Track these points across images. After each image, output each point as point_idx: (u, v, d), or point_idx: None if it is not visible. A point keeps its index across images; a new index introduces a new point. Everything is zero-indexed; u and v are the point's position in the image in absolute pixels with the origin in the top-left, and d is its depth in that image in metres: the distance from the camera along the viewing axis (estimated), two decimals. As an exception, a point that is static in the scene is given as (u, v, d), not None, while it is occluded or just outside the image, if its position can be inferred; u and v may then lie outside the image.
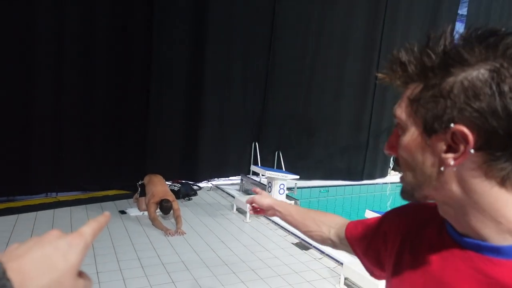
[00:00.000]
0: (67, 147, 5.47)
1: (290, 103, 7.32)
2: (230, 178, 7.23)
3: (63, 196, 5.43)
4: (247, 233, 4.70)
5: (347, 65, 7.74)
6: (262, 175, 5.94)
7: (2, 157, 4.92)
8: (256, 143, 7.19)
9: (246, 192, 6.51)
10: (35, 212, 4.77)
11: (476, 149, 0.52)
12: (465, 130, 0.52)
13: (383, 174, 8.93)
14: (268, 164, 7.21)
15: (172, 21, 5.95)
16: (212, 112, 6.61)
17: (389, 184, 8.71)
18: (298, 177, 5.52)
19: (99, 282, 3.18)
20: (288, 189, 5.66)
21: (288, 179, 5.48)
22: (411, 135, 0.58)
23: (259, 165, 6.85)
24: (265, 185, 5.61)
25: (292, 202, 5.32)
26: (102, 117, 5.68)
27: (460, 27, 9.91)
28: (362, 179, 8.23)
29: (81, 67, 5.44)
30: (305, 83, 7.43)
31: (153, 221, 4.68)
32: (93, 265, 3.49)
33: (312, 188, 7.22)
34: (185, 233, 4.47)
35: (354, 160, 8.17)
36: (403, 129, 0.59)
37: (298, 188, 6.19)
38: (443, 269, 0.61)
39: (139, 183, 5.27)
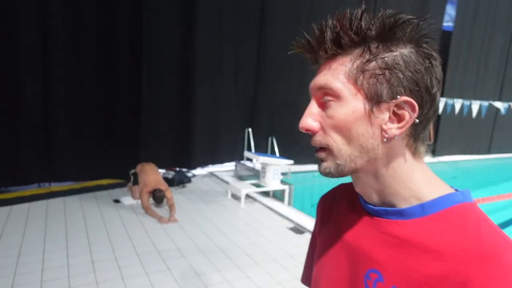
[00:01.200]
0: (58, 137, 5.41)
1: (283, 88, 7.29)
2: (224, 164, 7.23)
3: (56, 187, 5.39)
4: (242, 218, 4.72)
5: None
6: (256, 161, 5.94)
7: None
8: (249, 129, 7.18)
9: (240, 178, 6.52)
10: (28, 204, 4.74)
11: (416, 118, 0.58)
12: (412, 100, 0.57)
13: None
14: (261, 149, 7.22)
15: (162, 6, 5.84)
16: (204, 98, 6.56)
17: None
18: (292, 162, 5.53)
19: (94, 271, 3.19)
20: (282, 174, 5.67)
21: (282, 165, 5.49)
22: (351, 107, 0.59)
23: (253, 151, 6.85)
24: (259, 171, 5.62)
25: (286, 187, 5.34)
26: (93, 106, 5.61)
27: (450, 9, 9.86)
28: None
29: (70, 55, 5.34)
30: (297, 68, 7.38)
31: (146, 210, 4.67)
32: (88, 254, 3.49)
33: (306, 173, 7.25)
34: (178, 221, 4.47)
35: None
36: (340, 101, 0.60)
37: (292, 173, 6.21)
38: (359, 238, 0.66)
39: (132, 172, 5.25)
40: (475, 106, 7.96)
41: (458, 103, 8.18)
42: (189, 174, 6.42)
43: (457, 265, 0.54)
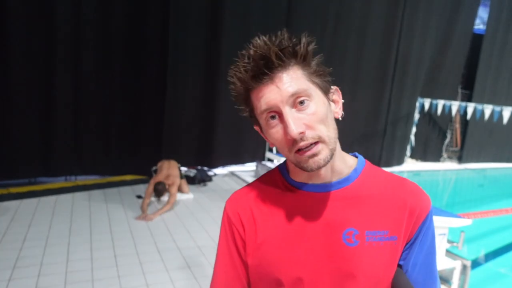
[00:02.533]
0: (86, 133, 5.56)
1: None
2: (245, 164, 7.25)
3: (82, 181, 5.55)
4: (261, 219, 4.71)
5: (364, 52, 7.59)
6: (277, 161, 5.93)
7: (25, 141, 5.04)
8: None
9: (261, 178, 6.51)
10: (56, 196, 4.90)
11: None
12: (337, 87, 0.83)
13: (400, 161, 8.82)
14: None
15: (189, 5, 5.91)
16: (228, 98, 6.52)
17: (406, 173, 8.60)
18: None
19: (116, 265, 3.26)
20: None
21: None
22: (321, 101, 0.76)
23: (274, 151, 6.84)
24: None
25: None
26: (120, 103, 5.73)
27: (482, 12, 9.55)
28: (379, 167, 8.15)
29: (99, 52, 5.47)
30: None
31: (143, 202, 4.65)
32: (111, 248, 3.57)
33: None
34: (152, 220, 4.36)
35: (371, 148, 8.08)
36: (312, 100, 0.74)
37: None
38: (322, 214, 0.80)
39: (153, 169, 5.33)
40: (507, 112, 7.68)
41: (488, 109, 7.92)
42: (210, 173, 6.47)
43: (394, 195, 0.82)
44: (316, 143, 0.74)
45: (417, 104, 8.78)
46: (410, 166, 9.02)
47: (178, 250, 3.65)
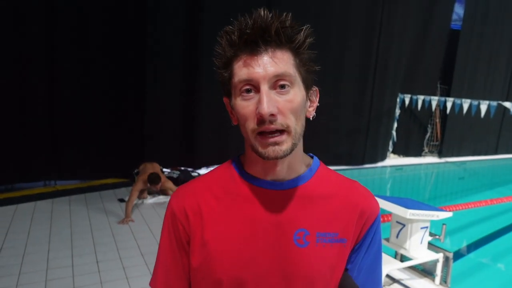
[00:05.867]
0: (64, 135, 5.42)
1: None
2: (229, 164, 7.20)
3: (61, 186, 5.41)
4: (247, 219, 4.69)
5: (346, 49, 7.63)
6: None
7: (1, 146, 4.88)
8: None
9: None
10: (34, 202, 4.75)
11: None
12: (317, 89, 0.81)
13: (383, 157, 8.93)
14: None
15: (167, 5, 5.82)
16: (210, 97, 6.53)
17: (389, 168, 8.72)
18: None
19: (99, 271, 3.18)
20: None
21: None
22: (301, 92, 0.74)
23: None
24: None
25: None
26: (99, 105, 5.60)
27: (458, 8, 9.74)
28: (363, 164, 8.23)
29: (75, 55, 5.34)
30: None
31: (128, 200, 4.47)
32: (93, 254, 3.49)
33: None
34: (133, 221, 4.35)
35: (355, 145, 8.14)
36: (293, 88, 0.72)
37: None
38: (273, 214, 0.77)
39: (135, 171, 5.24)
40: (484, 106, 7.86)
41: (466, 103, 8.09)
42: (195, 174, 6.40)
43: (345, 197, 0.81)
44: (282, 132, 0.70)
45: (398, 100, 8.90)
46: (392, 161, 9.15)
47: (162, 253, 3.59)
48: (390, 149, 9.26)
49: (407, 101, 8.85)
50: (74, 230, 4.02)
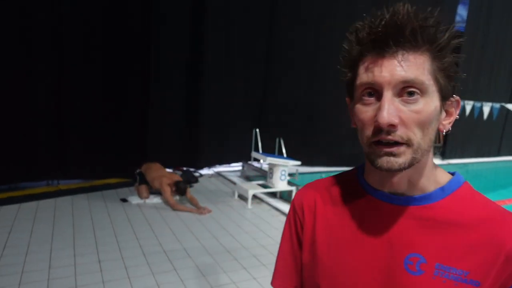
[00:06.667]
0: (68, 135, 5.44)
1: (291, 89, 7.24)
2: (232, 164, 7.22)
3: (64, 185, 5.43)
4: (248, 219, 4.70)
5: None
6: (263, 161, 5.91)
7: (4, 145, 4.91)
8: (257, 130, 7.15)
9: (247, 178, 6.50)
10: (37, 201, 4.77)
11: None
12: (459, 99, 0.67)
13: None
14: (269, 150, 7.19)
15: (171, 4, 5.84)
16: (212, 98, 6.55)
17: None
18: (299, 163, 5.49)
19: (101, 271, 3.19)
20: (290, 175, 5.64)
21: (290, 165, 5.45)
22: (434, 103, 0.63)
23: (260, 151, 6.83)
24: (266, 172, 5.59)
25: (294, 187, 5.31)
26: (102, 106, 5.63)
27: (461, 10, 9.72)
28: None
29: (81, 55, 5.37)
30: (307, 68, 7.34)
31: (174, 206, 4.76)
32: (95, 254, 3.50)
33: (313, 174, 7.20)
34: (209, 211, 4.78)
35: (358, 146, 8.09)
36: (424, 97, 0.62)
37: (299, 173, 6.18)
38: (388, 229, 0.69)
39: (137, 171, 5.26)
40: (487, 108, 7.84)
41: (469, 105, 8.07)
42: (196, 174, 6.42)
43: (488, 231, 0.64)
44: (401, 144, 0.62)
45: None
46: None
47: (164, 253, 3.60)
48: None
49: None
50: (77, 229, 4.03)
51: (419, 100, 0.62)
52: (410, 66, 0.61)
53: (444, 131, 0.68)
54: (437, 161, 9.84)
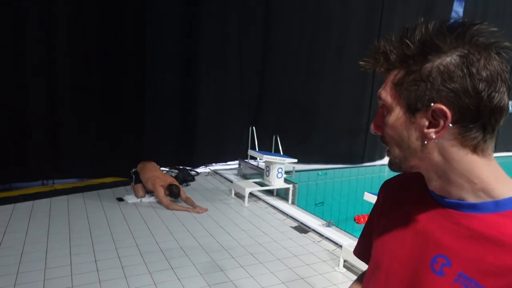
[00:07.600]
0: (63, 135, 5.40)
1: (287, 87, 7.23)
2: (228, 163, 7.20)
3: (60, 185, 5.39)
4: (245, 217, 4.69)
5: (345, 47, 7.63)
6: (260, 159, 5.91)
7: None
8: (253, 128, 7.14)
9: (244, 176, 6.49)
10: (32, 201, 4.74)
11: (452, 123, 0.63)
12: (444, 107, 0.63)
13: (382, 155, 8.92)
14: (265, 148, 7.18)
15: (166, 4, 5.81)
16: (208, 96, 6.53)
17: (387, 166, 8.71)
18: (296, 160, 5.49)
19: (97, 270, 3.17)
20: (286, 172, 5.64)
21: (286, 163, 5.45)
22: (396, 114, 0.69)
23: (257, 149, 6.82)
24: (263, 169, 5.58)
25: (291, 185, 5.30)
26: (97, 104, 5.60)
27: (457, 6, 9.74)
28: (362, 162, 8.23)
29: (74, 53, 5.33)
30: (303, 67, 7.33)
31: (169, 206, 4.73)
32: (91, 253, 3.48)
33: (310, 172, 7.21)
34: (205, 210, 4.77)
35: (354, 144, 8.15)
36: (388, 110, 0.70)
37: (296, 171, 6.18)
38: (429, 226, 0.72)
39: (132, 170, 5.24)
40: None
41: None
42: (193, 173, 6.40)
43: None
44: (387, 145, 0.74)
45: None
46: (391, 159, 9.15)
47: (161, 252, 3.59)
48: (389, 147, 9.27)
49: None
50: (72, 229, 4.00)
51: (387, 114, 0.70)
52: (384, 85, 0.71)
53: (427, 138, 0.66)
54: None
